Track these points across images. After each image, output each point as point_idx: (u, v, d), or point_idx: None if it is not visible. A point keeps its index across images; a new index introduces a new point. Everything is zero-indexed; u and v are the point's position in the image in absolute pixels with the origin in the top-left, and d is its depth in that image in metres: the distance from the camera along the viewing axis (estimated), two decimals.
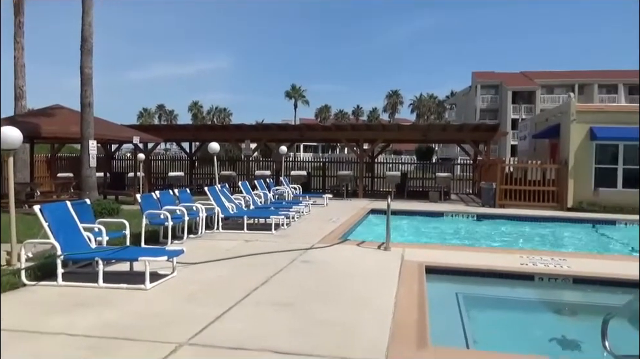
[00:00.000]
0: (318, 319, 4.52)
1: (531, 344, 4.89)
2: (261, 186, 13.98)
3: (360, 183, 19.78)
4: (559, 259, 7.34)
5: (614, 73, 53.34)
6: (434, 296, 5.58)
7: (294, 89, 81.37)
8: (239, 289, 5.43)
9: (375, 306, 4.91)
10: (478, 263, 6.95)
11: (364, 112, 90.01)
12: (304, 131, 21.50)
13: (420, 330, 4.18)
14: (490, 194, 16.33)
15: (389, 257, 7.32)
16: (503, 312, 6.06)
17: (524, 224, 13.61)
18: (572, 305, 6.38)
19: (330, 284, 5.83)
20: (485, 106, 57.98)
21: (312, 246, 8.20)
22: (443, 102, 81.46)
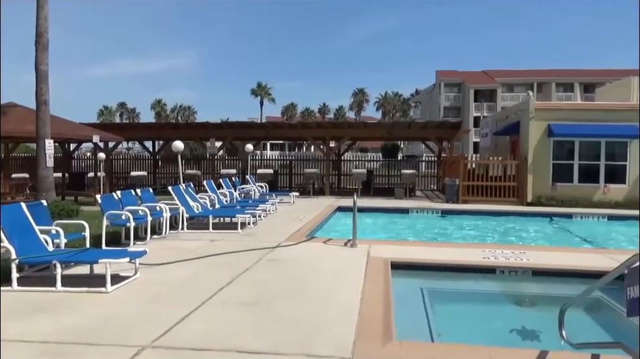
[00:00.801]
0: (284, 317, 4.50)
1: (493, 335, 5.03)
2: (227, 185, 13.82)
3: (327, 180, 19.84)
4: (519, 253, 7.57)
5: (571, 72, 55.40)
6: (399, 291, 5.66)
7: (260, 87, 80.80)
8: (204, 289, 5.36)
9: (341, 303, 4.94)
10: (442, 258, 7.09)
11: (330, 110, 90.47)
12: (270, 129, 21.39)
13: (385, 325, 4.22)
14: (454, 190, 16.69)
15: (356, 254, 7.38)
16: (466, 305, 6.20)
17: (486, 219, 13.97)
18: (532, 296, 6.59)
19: (296, 282, 5.82)
20: (449, 104, 59.14)
21: (279, 244, 8.18)
22: (408, 100, 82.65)
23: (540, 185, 16.62)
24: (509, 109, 21.98)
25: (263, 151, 54.34)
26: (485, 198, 16.78)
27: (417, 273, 6.74)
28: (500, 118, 21.99)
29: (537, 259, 7.08)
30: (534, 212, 14.68)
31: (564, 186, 16.57)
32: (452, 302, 6.28)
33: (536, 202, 16.25)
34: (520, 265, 6.74)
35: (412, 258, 7.09)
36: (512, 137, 19.22)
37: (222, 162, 24.42)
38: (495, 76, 56.82)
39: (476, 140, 43.79)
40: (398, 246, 8.49)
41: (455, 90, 59.75)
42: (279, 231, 9.54)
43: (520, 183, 16.70)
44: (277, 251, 7.65)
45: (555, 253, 8.05)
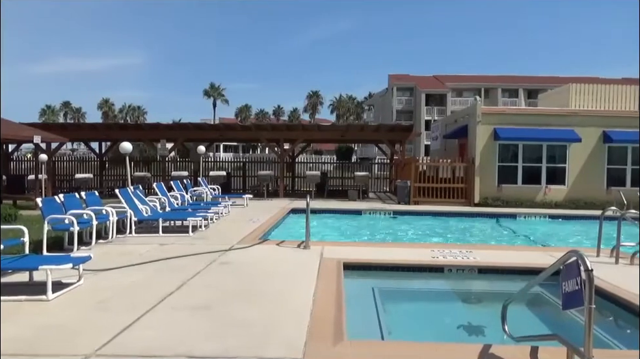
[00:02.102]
0: (236, 320, 4.45)
1: (441, 331, 5.18)
2: (178, 188, 13.51)
3: (281, 182, 19.79)
4: (466, 251, 7.83)
5: (516, 78, 57.91)
6: (351, 291, 5.72)
7: (213, 88, 79.53)
8: (153, 294, 5.21)
9: (294, 304, 4.94)
10: (393, 258, 7.22)
11: (285, 112, 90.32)
12: (223, 131, 21.10)
13: (337, 325, 4.26)
14: (405, 192, 17.07)
15: (309, 256, 7.39)
16: (416, 303, 6.35)
17: (436, 219, 14.37)
18: (478, 293, 6.83)
19: (248, 285, 5.76)
20: (401, 108, 60.35)
21: (231, 247, 8.08)
22: (362, 103, 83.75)
23: (486, 186, 17.28)
24: (458, 113, 22.70)
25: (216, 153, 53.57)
26: (435, 199, 17.26)
27: (369, 273, 6.84)
28: (449, 121, 22.70)
29: (483, 258, 7.35)
30: (481, 213, 15.23)
31: (509, 188, 17.31)
32: (402, 301, 6.41)
33: (483, 203, 16.88)
34: (466, 263, 6.97)
35: (364, 259, 7.19)
36: (460, 140, 19.89)
37: (174, 164, 23.85)
38: (445, 81, 58.56)
39: (427, 143, 44.96)
40: (351, 247, 8.58)
41: (407, 93, 61.06)
42: (231, 233, 9.42)
43: (468, 185, 17.29)
44: (229, 254, 7.55)
45: (500, 251, 8.38)
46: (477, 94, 53.67)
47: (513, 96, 56.64)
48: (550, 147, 17.50)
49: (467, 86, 57.87)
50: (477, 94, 53.43)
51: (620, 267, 6.95)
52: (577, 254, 3.19)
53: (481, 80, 58.18)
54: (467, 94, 56.77)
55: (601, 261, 7.24)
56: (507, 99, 55.90)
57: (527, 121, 17.69)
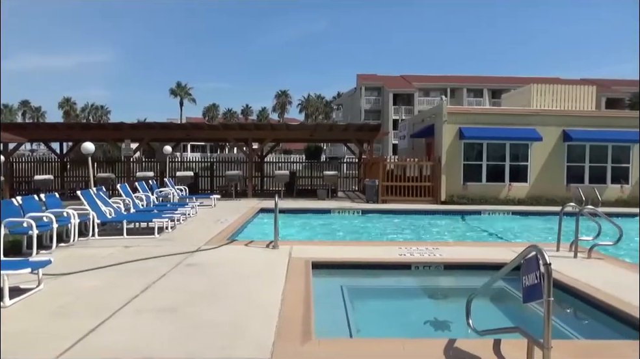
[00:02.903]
0: (203, 321, 4.39)
1: (408, 327, 5.25)
2: (143, 189, 13.22)
3: (249, 182, 19.65)
4: (433, 249, 7.97)
5: (481, 79, 59.25)
6: (320, 290, 5.73)
7: (180, 87, 78.17)
8: (117, 298, 5.08)
9: (262, 304, 4.91)
10: (361, 256, 7.28)
11: (253, 111, 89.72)
12: (190, 130, 20.78)
13: (305, 324, 4.26)
14: (373, 191, 17.22)
15: (277, 256, 7.37)
16: (384, 300, 6.41)
17: (404, 218, 14.56)
18: (444, 289, 6.96)
19: (216, 286, 5.70)
20: (369, 107, 60.85)
21: (198, 248, 7.96)
22: (331, 103, 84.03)
23: (452, 185, 17.61)
24: (425, 113, 23.06)
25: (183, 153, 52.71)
26: (403, 198, 17.48)
27: (338, 272, 6.87)
28: (417, 121, 23.03)
29: (449, 254, 7.49)
30: (447, 210, 15.52)
31: (474, 186, 17.70)
32: (371, 298, 6.46)
33: (449, 201, 17.21)
34: (433, 260, 7.09)
35: (333, 257, 7.21)
36: (427, 139, 20.22)
37: (139, 164, 23.33)
38: (412, 81, 59.37)
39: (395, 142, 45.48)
40: (319, 246, 8.59)
41: (375, 93, 61.61)
42: (199, 234, 9.29)
43: (435, 183, 17.59)
44: (196, 255, 7.45)
45: (465, 248, 8.56)
46: (443, 94, 54.54)
47: (478, 96, 57.90)
48: (513, 146, 17.98)
49: (434, 86, 58.84)
50: (444, 94, 54.34)
51: (579, 261, 7.21)
52: (536, 249, 3.29)
53: (447, 80, 59.28)
54: (434, 94, 57.71)
55: (561, 255, 7.49)
56: (472, 99, 57.13)
57: (491, 120, 18.14)
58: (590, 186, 17.24)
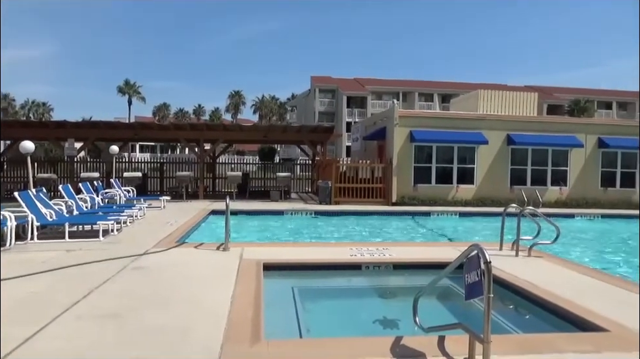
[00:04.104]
0: (149, 326, 4.27)
1: (358, 326, 5.31)
2: (88, 190, 12.70)
3: (201, 183, 19.29)
4: (383, 249, 8.11)
5: (431, 84, 60.93)
6: (271, 292, 5.71)
7: (129, 85, 75.69)
8: (57, 304, 4.85)
9: (211, 307, 4.83)
10: (312, 258, 7.31)
11: (206, 111, 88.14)
12: (138, 130, 20.14)
13: (254, 326, 4.23)
14: (326, 192, 17.34)
15: (228, 258, 7.27)
16: (334, 301, 6.46)
17: (356, 219, 14.75)
18: (393, 288, 7.10)
19: (164, 289, 5.55)
20: (323, 109, 61.23)
21: (146, 251, 7.73)
22: (285, 104, 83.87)
23: (403, 186, 18.02)
24: (377, 116, 23.46)
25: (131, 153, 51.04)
26: (355, 199, 17.71)
27: (289, 273, 6.86)
28: (369, 123, 23.40)
29: (398, 254, 7.65)
30: (398, 211, 15.86)
31: (424, 187, 18.18)
32: (322, 299, 6.49)
33: (400, 202, 17.59)
34: (382, 260, 7.22)
35: (284, 259, 7.20)
36: (379, 142, 20.58)
37: (83, 165, 22.40)
38: (365, 84, 60.25)
39: (349, 144, 46.00)
40: (271, 247, 8.56)
41: (329, 95, 62.07)
42: (146, 237, 9.02)
43: (386, 185, 17.93)
44: (143, 258, 7.23)
45: (414, 248, 8.77)
46: (395, 98, 55.75)
47: (429, 100, 59.49)
48: (461, 149, 18.62)
49: (387, 89, 59.97)
50: (396, 98, 55.51)
51: (520, 259, 7.55)
52: (477, 248, 3.41)
53: (400, 84, 60.55)
54: (386, 97, 58.79)
55: (504, 254, 7.82)
56: (423, 103, 58.63)
57: (441, 124, 18.70)
58: (531, 188, 18.10)
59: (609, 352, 3.77)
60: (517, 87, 52.15)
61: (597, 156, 19.37)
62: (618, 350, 3.82)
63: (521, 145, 18.72)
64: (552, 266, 7.17)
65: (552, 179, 19.11)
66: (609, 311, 4.76)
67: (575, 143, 19.00)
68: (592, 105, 57.21)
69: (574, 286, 5.88)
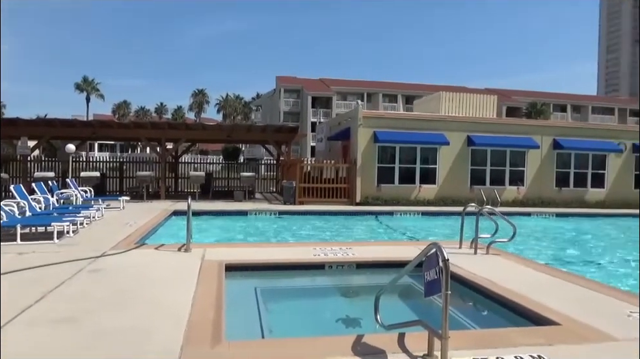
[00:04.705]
0: (107, 330, 4.14)
1: (321, 326, 5.33)
2: (42, 190, 12.19)
3: (162, 183, 18.89)
4: (346, 248, 8.16)
5: (395, 85, 61.84)
6: (233, 293, 5.65)
7: (87, 82, 73.27)
8: (7, 309, 4.63)
9: (171, 309, 4.74)
10: (275, 258, 7.28)
11: (168, 110, 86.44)
12: (97, 128, 19.53)
13: (215, 328, 4.18)
14: (291, 192, 17.31)
15: (190, 259, 7.15)
16: (297, 300, 6.46)
17: (320, 219, 14.79)
18: (356, 287, 7.16)
19: (122, 292, 5.40)
20: (288, 109, 61.11)
21: (103, 253, 7.50)
22: (250, 103, 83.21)
23: (367, 186, 18.20)
24: (341, 116, 23.62)
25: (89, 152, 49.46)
26: (320, 199, 17.75)
27: (252, 274, 6.81)
28: (334, 124, 23.52)
29: (361, 254, 7.72)
30: (362, 211, 16.00)
31: (387, 187, 18.42)
32: (285, 299, 6.48)
33: (364, 202, 17.76)
34: (345, 259, 7.27)
35: (247, 259, 7.14)
36: (343, 142, 20.71)
37: (37, 164, 21.53)
38: (330, 84, 60.51)
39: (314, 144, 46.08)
40: (234, 248, 8.47)
41: (294, 95, 62.03)
42: (104, 239, 8.75)
43: (350, 185, 18.06)
44: (101, 260, 7.01)
45: (377, 247, 8.87)
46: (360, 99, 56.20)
47: (393, 101, 60.32)
48: (423, 150, 18.97)
49: (352, 90, 60.42)
50: (360, 99, 55.95)
51: (478, 257, 7.76)
52: (436, 246, 3.49)
53: (364, 85, 61.14)
54: (351, 98, 59.19)
55: (463, 252, 8.02)
56: (387, 104, 59.40)
57: (404, 125, 19.00)
58: (490, 188, 18.63)
59: (561, 344, 3.92)
60: (477, 89, 53.57)
61: (552, 157, 20.13)
62: (568, 342, 3.98)
63: (481, 146, 19.23)
64: (509, 263, 7.41)
65: (510, 179, 19.73)
66: (561, 305, 4.95)
67: (531, 144, 19.68)
68: (548, 108, 59.53)
69: (529, 282, 6.09)
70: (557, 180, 20.20)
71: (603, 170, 20.58)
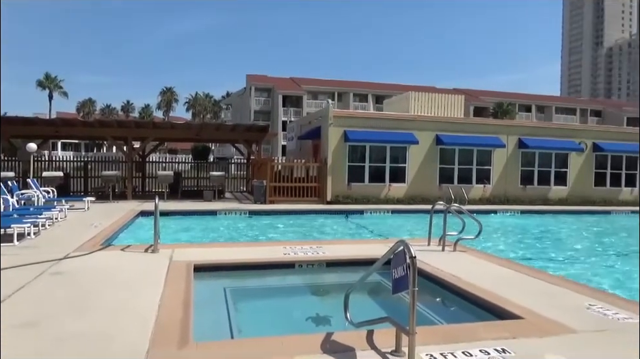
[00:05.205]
0: (70, 334, 4.02)
1: (291, 325, 5.32)
2: (1, 191, 11.74)
3: (129, 183, 18.47)
4: (316, 247, 8.17)
5: (366, 84, 62.26)
6: (202, 294, 5.59)
7: (49, 78, 70.86)
8: None
9: (137, 311, 4.64)
10: (245, 257, 7.23)
11: (135, 108, 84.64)
12: (60, 127, 18.94)
13: (183, 329, 4.12)
14: (261, 191, 17.21)
15: (157, 260, 7.02)
16: (267, 300, 6.43)
17: (291, 218, 14.76)
18: (326, 286, 7.17)
19: (86, 295, 5.26)
20: (259, 108, 60.72)
21: (67, 255, 7.28)
22: (219, 102, 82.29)
23: (338, 185, 18.26)
24: (312, 115, 23.61)
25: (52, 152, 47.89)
26: (290, 198, 17.71)
27: (221, 274, 6.74)
28: (304, 123, 23.50)
29: (331, 252, 7.75)
30: (332, 210, 16.06)
31: (357, 186, 18.53)
32: (254, 299, 6.44)
33: (335, 201, 17.82)
34: (316, 258, 7.28)
35: (216, 260, 7.06)
36: (314, 141, 20.72)
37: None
38: (301, 83, 60.44)
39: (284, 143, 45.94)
40: (203, 248, 8.36)
41: (265, 94, 61.67)
42: (68, 240, 8.50)
43: (321, 184, 18.09)
44: (64, 263, 6.80)
45: (347, 245, 8.92)
46: (330, 98, 56.36)
47: (363, 101, 60.70)
48: (393, 149, 19.16)
49: (323, 89, 60.51)
50: (331, 98, 56.12)
51: (446, 253, 7.90)
52: (403, 244, 3.53)
53: (335, 84, 61.31)
54: (322, 97, 59.26)
55: (431, 249, 8.15)
56: (358, 104, 59.74)
57: (374, 124, 19.14)
58: (458, 186, 18.98)
59: (524, 338, 4.03)
60: (446, 89, 54.47)
61: (517, 156, 20.66)
62: (531, 335, 4.10)
63: (449, 145, 19.57)
64: (475, 259, 7.57)
65: (477, 178, 20.15)
66: (524, 300, 5.10)
67: (498, 143, 20.15)
68: (514, 108, 61.16)
69: (494, 278, 6.24)
70: (521, 178, 20.74)
71: (565, 169, 21.26)
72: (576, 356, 3.69)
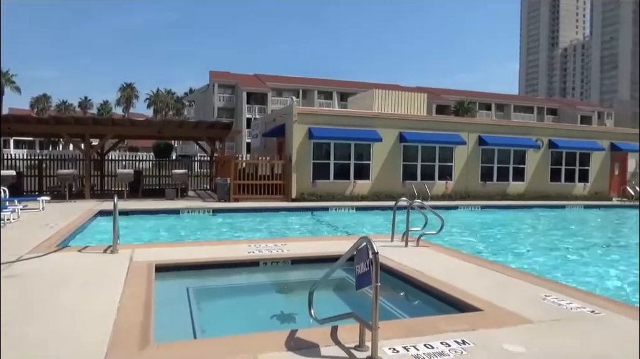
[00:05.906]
0: (24, 340, 3.85)
1: (256, 323, 5.27)
2: None
3: (87, 182, 17.88)
4: (281, 245, 8.14)
5: (331, 82, 62.44)
6: (163, 294, 5.47)
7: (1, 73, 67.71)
8: None
9: (95, 314, 4.50)
10: (209, 256, 7.12)
11: (94, 104, 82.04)
12: (12, 124, 18.11)
13: (144, 331, 4.02)
14: (225, 189, 17.02)
15: (117, 260, 6.82)
16: (232, 299, 6.36)
17: (255, 216, 14.66)
18: (291, 283, 7.15)
19: (40, 299, 5.05)
20: (222, 105, 59.97)
21: (19, 257, 6.98)
22: (182, 99, 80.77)
23: (302, 182, 18.26)
24: (276, 112, 23.51)
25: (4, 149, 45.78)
26: (255, 196, 17.59)
27: (184, 273, 6.61)
28: (269, 120, 23.36)
29: (296, 249, 7.73)
30: (297, 207, 16.05)
31: (322, 183, 18.58)
32: (218, 298, 6.36)
33: (300, 198, 17.81)
34: (280, 256, 7.25)
35: (178, 259, 6.92)
36: (279, 138, 20.64)
37: None
38: (266, 80, 60.06)
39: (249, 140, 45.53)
40: (164, 248, 8.18)
41: (229, 91, 60.96)
42: (21, 242, 8.14)
43: (286, 181, 18.04)
44: (16, 265, 6.51)
45: (312, 242, 8.93)
46: (295, 95, 56.29)
47: (328, 98, 60.89)
48: (357, 146, 19.31)
49: (287, 86, 60.34)
50: (296, 95, 56.08)
51: (409, 249, 8.02)
52: (366, 240, 3.56)
53: (300, 82, 61.26)
54: (286, 94, 59.10)
55: (394, 244, 8.27)
56: (323, 101, 59.88)
57: (338, 122, 19.24)
58: (421, 183, 19.34)
59: (483, 329, 4.14)
60: (409, 88, 55.33)
61: (477, 152, 21.21)
62: (490, 327, 4.22)
63: (412, 142, 19.89)
64: (437, 254, 7.73)
65: (439, 174, 20.56)
66: (484, 292, 5.24)
67: (459, 141, 20.62)
68: (475, 106, 62.78)
69: (455, 271, 6.38)
70: (482, 174, 21.31)
71: (523, 165, 21.99)
72: (533, 345, 3.82)
